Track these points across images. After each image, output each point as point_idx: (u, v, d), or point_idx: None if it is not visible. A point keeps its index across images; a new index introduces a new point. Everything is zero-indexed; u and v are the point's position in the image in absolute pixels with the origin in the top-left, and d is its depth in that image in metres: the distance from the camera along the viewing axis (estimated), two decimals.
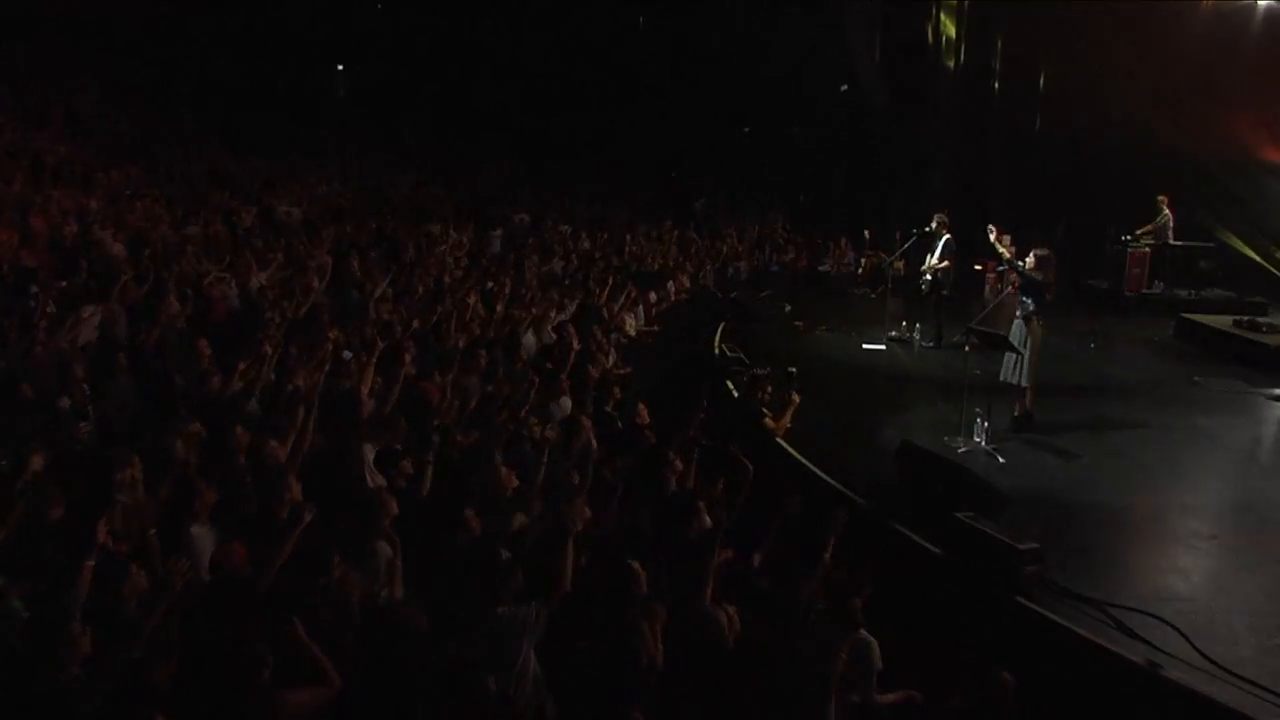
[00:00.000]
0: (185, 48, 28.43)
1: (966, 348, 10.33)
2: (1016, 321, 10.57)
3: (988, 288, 20.78)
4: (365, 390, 7.69)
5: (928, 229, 14.72)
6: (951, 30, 25.16)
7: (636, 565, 5.10)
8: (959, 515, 7.02)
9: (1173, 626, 6.17)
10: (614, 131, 31.56)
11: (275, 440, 6.37)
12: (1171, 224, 19.25)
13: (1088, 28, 21.27)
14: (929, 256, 14.72)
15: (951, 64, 25.24)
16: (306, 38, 30.94)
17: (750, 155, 31.89)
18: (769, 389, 9.75)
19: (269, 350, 8.33)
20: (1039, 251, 10.67)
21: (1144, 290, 19.22)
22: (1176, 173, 19.93)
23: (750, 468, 6.69)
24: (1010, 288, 21.11)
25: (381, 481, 6.56)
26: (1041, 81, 24.40)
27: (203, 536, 5.51)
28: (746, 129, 34.20)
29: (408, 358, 8.75)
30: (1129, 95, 21.24)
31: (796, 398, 9.61)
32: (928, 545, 7.31)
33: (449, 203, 23.41)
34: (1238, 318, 16.21)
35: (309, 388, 6.99)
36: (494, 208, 23.58)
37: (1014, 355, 10.33)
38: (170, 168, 20.46)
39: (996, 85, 25.13)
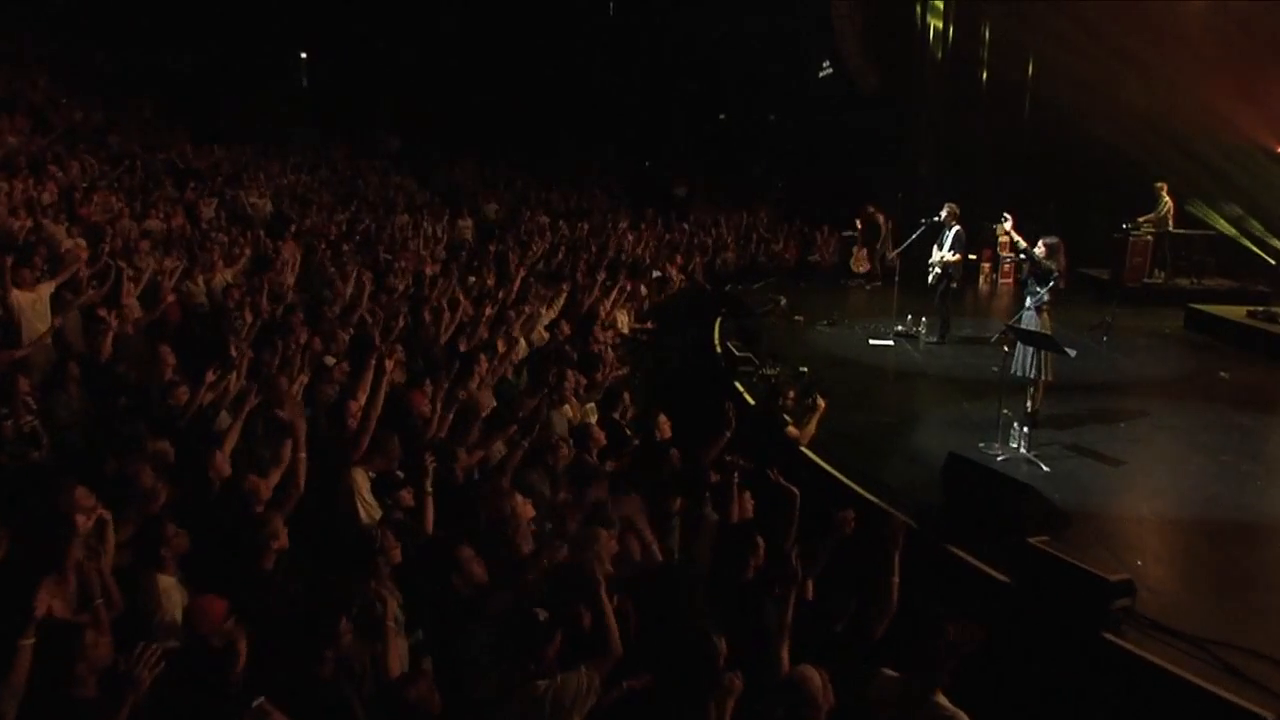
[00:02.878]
0: (144, 33, 27.17)
1: (1005, 347, 9.52)
2: (1028, 312, 9.80)
3: (981, 277, 20.23)
4: (355, 404, 6.71)
5: (936, 219, 13.96)
6: (939, 21, 24.43)
7: (719, 640, 4.22)
8: (1032, 541, 6.22)
9: None
10: (586, 119, 30.64)
11: (256, 475, 5.41)
12: (1172, 212, 18.66)
13: (1078, 10, 20.62)
14: (936, 248, 13.95)
15: (939, 50, 24.45)
16: (269, 25, 29.76)
17: (729, 143, 31.07)
18: (792, 395, 8.88)
19: (240, 360, 7.38)
20: (1048, 240, 9.92)
21: (1145, 280, 18.65)
22: (1169, 159, 19.35)
23: (795, 492, 5.82)
24: (1005, 278, 20.98)
25: (376, 515, 5.67)
26: (1030, 66, 23.75)
27: (170, 590, 4.61)
28: (722, 116, 33.44)
29: (391, 364, 7.77)
30: (1119, 80, 20.60)
31: (822, 403, 8.78)
32: (994, 573, 6.50)
33: (420, 193, 22.43)
34: (1252, 309, 15.66)
35: (294, 412, 6.01)
36: (464, 198, 22.63)
37: (1029, 350, 9.55)
38: (129, 158, 19.32)
39: (984, 68, 24.42)
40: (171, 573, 4.66)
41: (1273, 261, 20.32)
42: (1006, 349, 9.51)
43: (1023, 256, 9.79)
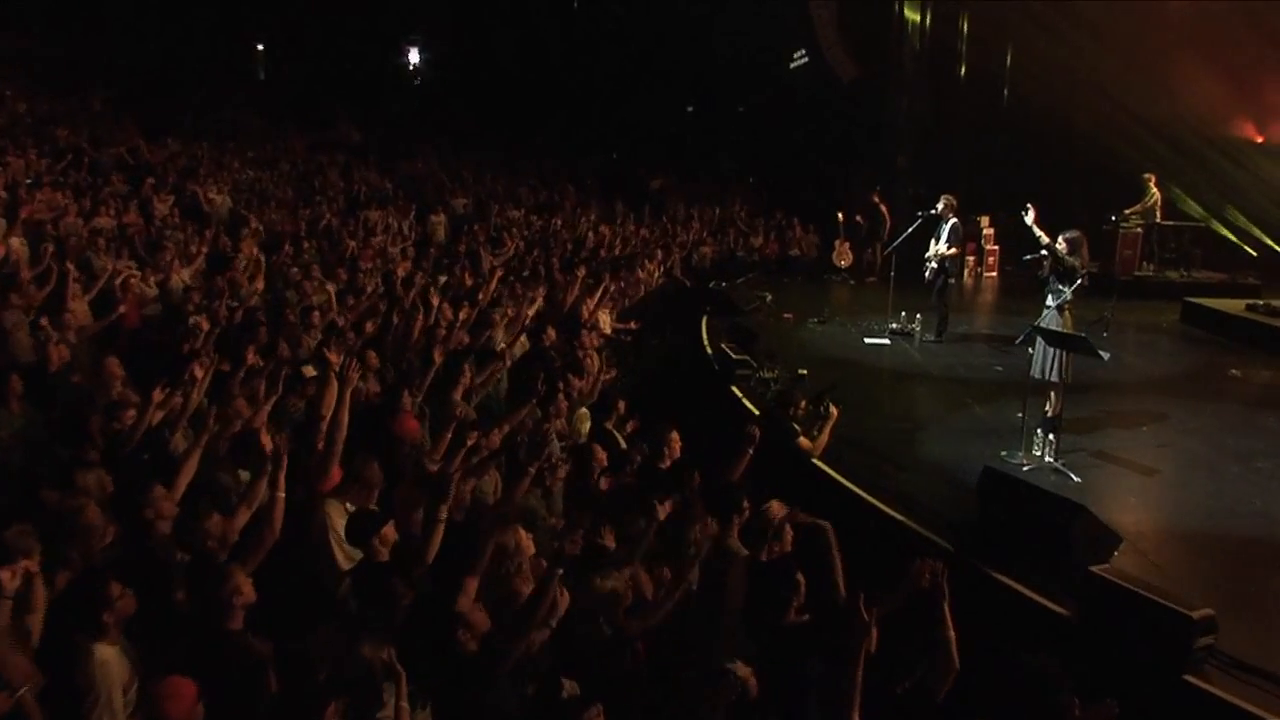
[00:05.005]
0: (93, 22, 26.04)
1: (1030, 349, 8.86)
2: (1049, 311, 9.13)
3: (966, 270, 19.66)
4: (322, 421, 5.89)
5: (933, 211, 13.31)
6: (916, 15, 23.90)
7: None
8: (1097, 570, 5.55)
9: None
10: (553, 111, 29.83)
11: (218, 516, 4.59)
12: (1160, 203, 18.22)
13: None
14: (933, 242, 13.31)
15: (917, 40, 23.88)
16: (224, 15, 28.72)
17: (698, 135, 30.36)
18: (804, 403, 8.16)
19: (199, 373, 6.56)
20: (1069, 234, 9.27)
21: (1135, 273, 18.18)
22: (1152, 149, 18.94)
23: (828, 527, 5.07)
24: (990, 271, 20.45)
25: (356, 558, 4.90)
26: (1009, 56, 23.24)
27: (111, 663, 3.81)
28: (690, 108, 32.72)
29: (355, 377, 6.90)
30: (1099, 70, 20.18)
31: (836, 411, 8.06)
32: (1051, 605, 5.83)
33: (383, 187, 21.54)
34: (1251, 302, 15.24)
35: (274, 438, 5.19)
36: (432, 192, 21.77)
37: (1051, 350, 8.87)
38: (77, 152, 18.29)
39: (962, 56, 23.88)
40: (114, 640, 3.86)
41: (1254, 253, 20.07)
42: (1031, 350, 8.83)
43: (1044, 252, 9.11)
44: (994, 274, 20.25)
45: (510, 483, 5.59)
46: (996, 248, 20.31)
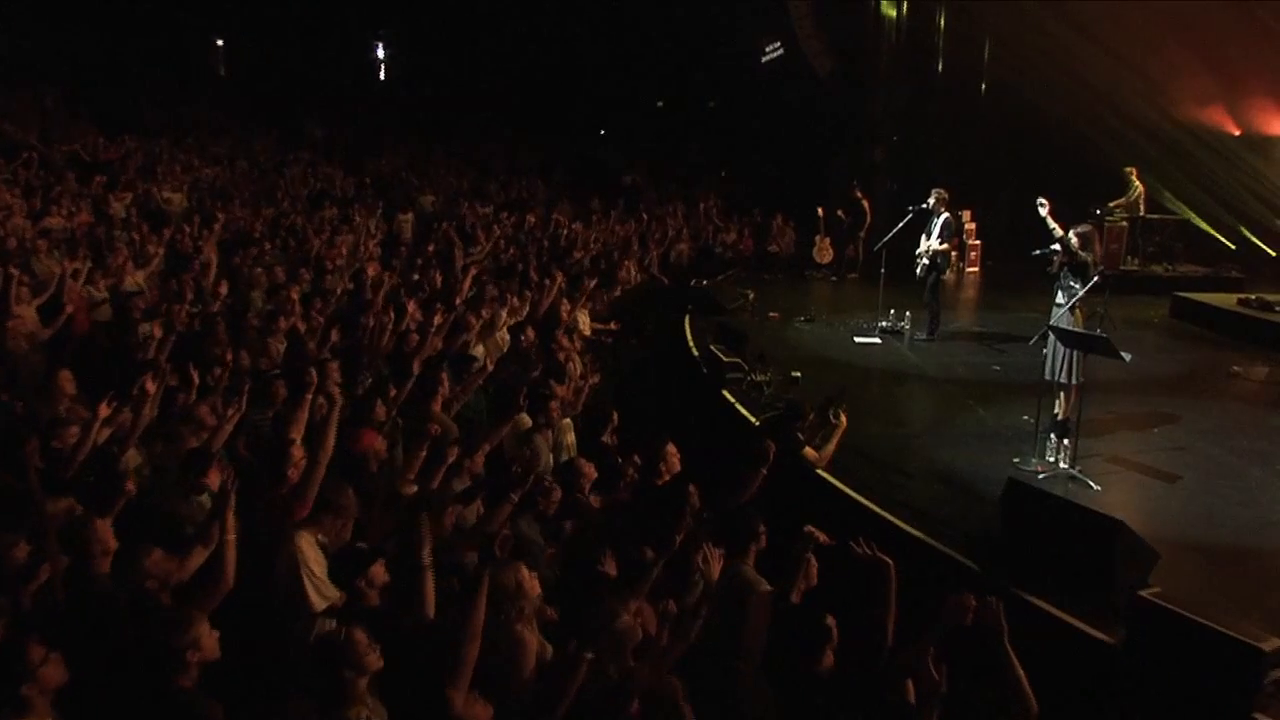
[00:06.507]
0: (44, 14, 25.11)
1: (1044, 349, 8.39)
2: (1061, 310, 8.65)
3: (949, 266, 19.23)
4: (298, 449, 5.27)
5: (924, 206, 12.83)
6: (892, 11, 23.49)
7: None
8: (1146, 594, 5.06)
9: None
10: (521, 105, 29.24)
11: (160, 553, 3.96)
12: (1143, 196, 17.92)
13: None
14: (925, 237, 12.84)
15: (893, 33, 23.45)
16: (182, 8, 27.86)
17: (668, 130, 29.82)
18: (812, 415, 7.60)
19: (151, 387, 5.94)
20: (1080, 229, 8.84)
21: (1121, 267, 17.83)
22: (1132, 142, 18.64)
23: (890, 563, 4.49)
24: (972, 266, 20.02)
25: (332, 597, 4.31)
26: (986, 49, 22.88)
27: None
28: (660, 103, 32.17)
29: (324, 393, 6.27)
30: (1077, 63, 19.82)
31: (844, 420, 7.54)
32: (1092, 631, 5.33)
33: (348, 184, 20.86)
34: (1243, 297, 14.90)
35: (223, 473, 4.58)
36: (399, 190, 21.10)
37: (1064, 350, 8.41)
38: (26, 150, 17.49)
39: (940, 49, 23.49)
40: (41, 715, 3.25)
41: (1233, 246, 19.84)
42: (1046, 350, 8.35)
43: (1055, 248, 8.65)
44: (975, 269, 19.84)
45: (497, 508, 4.99)
46: (979, 243, 19.91)
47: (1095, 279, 8.43)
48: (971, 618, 4.06)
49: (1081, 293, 8.42)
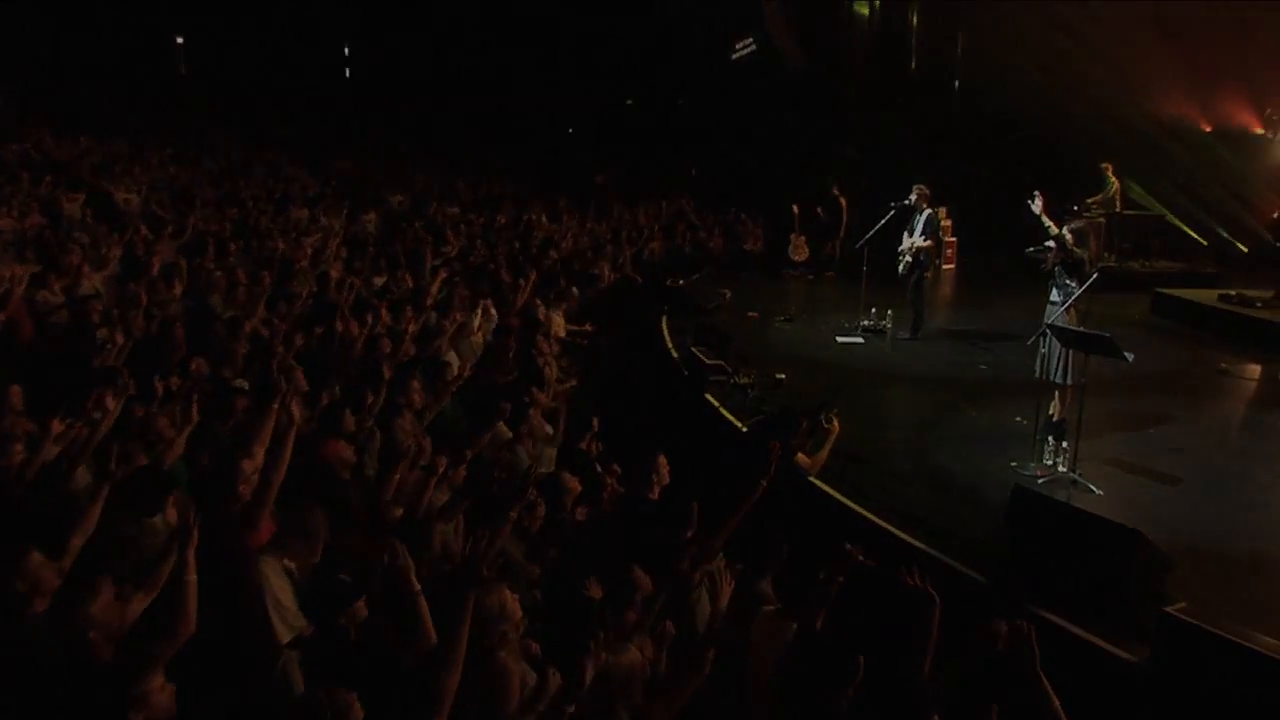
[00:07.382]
0: None
1: (1042, 350, 8.11)
2: (1057, 309, 8.39)
3: None
4: (250, 461, 4.84)
5: (906, 202, 12.57)
6: (865, 8, 23.30)
7: None
8: (1174, 612, 4.76)
9: None
10: (490, 104, 28.86)
11: (110, 594, 3.52)
12: (1119, 192, 17.78)
13: None
14: (907, 234, 12.57)
15: (866, 29, 23.26)
16: (141, 5, 27.28)
17: (638, 129, 29.54)
18: (806, 423, 7.25)
19: (111, 403, 5.50)
20: (1073, 225, 8.60)
21: (1100, 264, 17.66)
22: (1104, 139, 18.52)
23: (937, 599, 4.08)
24: (948, 264, 19.81)
25: (298, 627, 3.91)
26: (959, 45, 22.72)
27: None
28: (629, 101, 31.87)
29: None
30: (1050, 59, 19.70)
31: (836, 425, 7.20)
32: (1113, 649, 5.03)
33: (313, 184, 20.37)
34: (1223, 293, 14.74)
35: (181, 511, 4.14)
36: (365, 189, 20.62)
37: (1058, 349, 8.14)
38: None
39: (912, 46, 23.30)
40: None
41: (1204, 242, 19.82)
42: (1042, 350, 8.07)
43: (1049, 244, 8.38)
44: (952, 266, 19.63)
45: (499, 527, 4.58)
46: (954, 239, 19.71)
47: (1094, 277, 8.14)
48: (1004, 645, 3.72)
49: (1080, 291, 8.14)
